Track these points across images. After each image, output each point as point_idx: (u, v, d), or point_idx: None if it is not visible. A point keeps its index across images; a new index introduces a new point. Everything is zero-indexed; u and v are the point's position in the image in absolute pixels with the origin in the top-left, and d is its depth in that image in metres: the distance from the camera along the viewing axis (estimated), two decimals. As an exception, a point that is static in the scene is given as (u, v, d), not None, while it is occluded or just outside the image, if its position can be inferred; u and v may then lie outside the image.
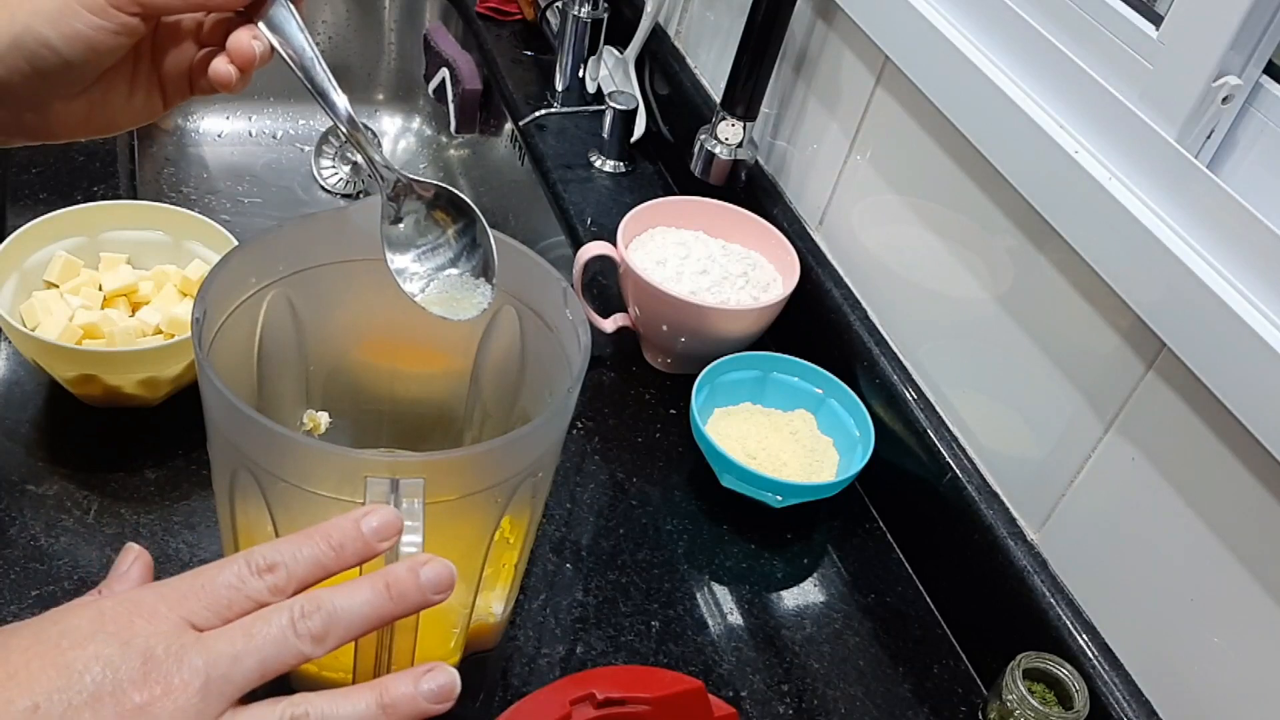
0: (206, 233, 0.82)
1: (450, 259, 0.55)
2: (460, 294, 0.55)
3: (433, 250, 0.55)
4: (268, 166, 1.29)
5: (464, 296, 0.55)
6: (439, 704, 0.40)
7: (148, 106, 0.54)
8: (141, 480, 0.74)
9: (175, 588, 0.39)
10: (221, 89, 0.52)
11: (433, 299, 0.55)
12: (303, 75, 0.51)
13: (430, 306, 0.54)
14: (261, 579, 0.39)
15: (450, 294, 0.55)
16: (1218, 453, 0.61)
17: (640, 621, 0.74)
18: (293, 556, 0.40)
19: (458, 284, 0.55)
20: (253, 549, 0.40)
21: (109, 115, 0.53)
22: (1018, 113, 0.70)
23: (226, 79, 0.51)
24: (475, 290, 0.55)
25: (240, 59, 0.51)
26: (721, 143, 0.99)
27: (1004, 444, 0.78)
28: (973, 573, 0.77)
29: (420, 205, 0.55)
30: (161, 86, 0.54)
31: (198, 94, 0.55)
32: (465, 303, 0.55)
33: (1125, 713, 0.66)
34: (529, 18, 1.37)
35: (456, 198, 0.54)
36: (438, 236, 0.55)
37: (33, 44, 0.48)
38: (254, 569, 0.40)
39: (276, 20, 0.51)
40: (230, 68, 0.51)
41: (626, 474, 0.84)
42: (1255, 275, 0.58)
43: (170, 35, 0.53)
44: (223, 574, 0.40)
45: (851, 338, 0.89)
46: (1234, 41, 0.61)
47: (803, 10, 0.95)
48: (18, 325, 0.72)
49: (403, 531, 0.42)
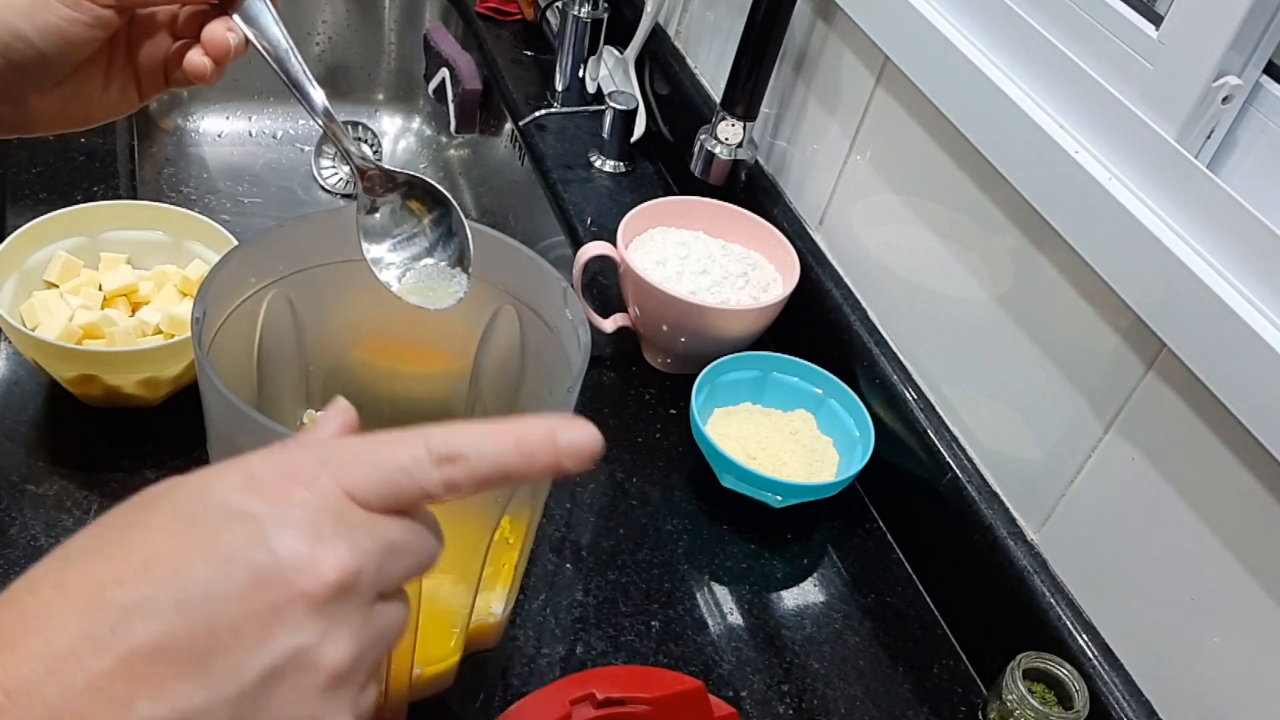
0: (206, 233, 0.82)
1: (426, 248, 0.55)
2: (437, 283, 0.55)
3: (408, 240, 0.55)
4: (268, 166, 1.29)
5: (440, 286, 0.55)
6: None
7: (124, 99, 0.54)
8: (141, 480, 0.74)
9: (339, 455, 0.35)
10: (196, 81, 0.52)
11: (409, 288, 0.55)
12: (278, 68, 0.51)
13: (407, 296, 0.55)
14: (440, 470, 0.35)
15: (427, 283, 0.55)
16: (1218, 453, 0.61)
17: (640, 621, 0.74)
18: (478, 450, 0.35)
19: (434, 273, 0.55)
20: (431, 430, 0.35)
21: (85, 108, 0.53)
22: (1018, 113, 0.70)
23: (201, 71, 0.51)
24: (451, 280, 0.55)
25: (215, 51, 0.51)
26: (721, 143, 0.99)
27: (1004, 444, 0.78)
28: (973, 573, 0.77)
29: (395, 196, 0.55)
30: (137, 79, 0.54)
31: (173, 86, 0.55)
32: (441, 292, 0.55)
33: (1125, 713, 0.66)
34: (529, 18, 1.37)
35: (431, 187, 0.55)
36: (413, 226, 0.55)
37: (6, 37, 0.48)
38: (433, 457, 0.35)
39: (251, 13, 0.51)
40: (205, 60, 0.51)
41: (626, 474, 0.84)
42: (1255, 275, 0.58)
43: (145, 27, 0.53)
44: (398, 453, 0.35)
45: (851, 338, 0.89)
46: (1234, 41, 0.61)
47: (803, 10, 0.95)
48: (18, 325, 0.72)
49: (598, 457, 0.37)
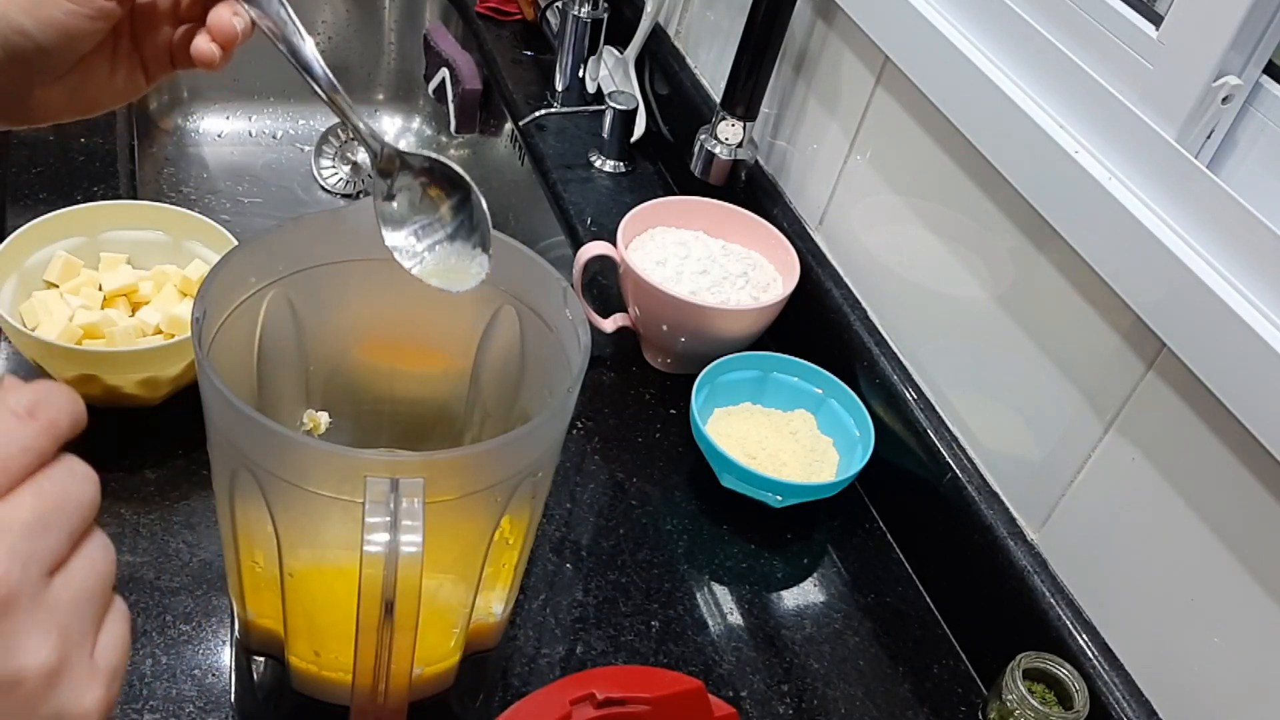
0: (206, 233, 0.82)
1: (447, 233, 0.55)
2: (458, 264, 0.54)
3: (428, 226, 0.55)
4: (268, 166, 1.29)
5: (462, 267, 0.54)
6: None
7: (130, 85, 0.54)
8: (141, 480, 0.74)
9: None
10: (204, 67, 0.51)
11: (430, 270, 0.54)
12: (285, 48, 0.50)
13: (428, 278, 0.54)
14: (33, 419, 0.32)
15: (447, 265, 0.54)
16: (1218, 453, 0.61)
17: (640, 621, 0.74)
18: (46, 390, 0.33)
19: (454, 253, 0.54)
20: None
21: (92, 95, 0.53)
22: (1018, 113, 0.70)
23: (209, 57, 0.50)
24: (472, 261, 0.54)
25: (222, 36, 0.50)
26: (721, 143, 0.99)
27: (1004, 444, 0.78)
28: (973, 573, 0.77)
29: (412, 179, 0.54)
30: (143, 64, 0.54)
31: (180, 69, 0.54)
32: (463, 273, 0.54)
33: (1125, 713, 0.66)
34: (529, 18, 1.37)
35: (450, 170, 0.54)
36: (431, 212, 0.54)
37: (8, 31, 0.47)
38: (18, 413, 0.32)
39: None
40: (213, 46, 0.50)
41: (626, 474, 0.84)
42: (1255, 275, 0.58)
43: (148, 15, 0.53)
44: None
45: (851, 338, 0.89)
46: (1234, 41, 0.61)
47: (803, 10, 0.95)
48: (18, 325, 0.72)
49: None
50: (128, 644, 0.34)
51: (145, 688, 0.64)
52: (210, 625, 0.68)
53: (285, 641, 0.58)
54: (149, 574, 0.69)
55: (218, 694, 0.64)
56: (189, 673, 0.65)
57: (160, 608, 0.68)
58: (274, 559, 0.54)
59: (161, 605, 0.68)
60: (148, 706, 0.63)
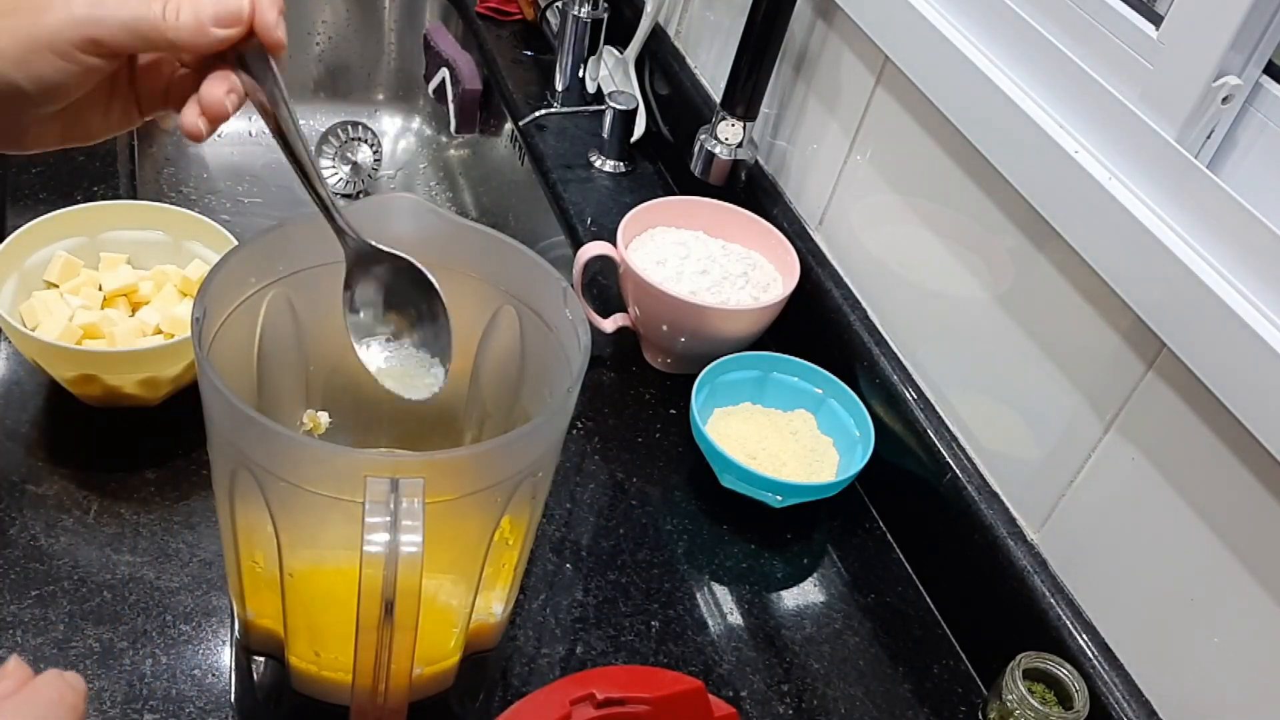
0: (206, 233, 0.82)
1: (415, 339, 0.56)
2: (414, 372, 0.56)
3: (395, 336, 0.56)
4: (268, 166, 1.29)
5: (417, 376, 0.56)
6: None
7: (124, 118, 0.53)
8: (141, 480, 0.74)
9: None
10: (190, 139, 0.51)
11: (389, 373, 0.55)
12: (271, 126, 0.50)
13: (384, 380, 0.55)
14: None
15: (404, 370, 0.56)
16: (1218, 453, 0.61)
17: (640, 621, 0.74)
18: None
19: (412, 361, 0.56)
20: None
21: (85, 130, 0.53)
22: (1018, 113, 0.70)
23: (196, 132, 0.49)
24: (428, 371, 0.55)
25: (211, 113, 0.49)
26: (721, 143, 0.99)
27: (1004, 444, 0.78)
28: (973, 573, 0.77)
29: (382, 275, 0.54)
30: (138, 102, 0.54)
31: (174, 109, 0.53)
32: (417, 383, 0.55)
33: (1125, 713, 0.66)
34: (529, 18, 1.37)
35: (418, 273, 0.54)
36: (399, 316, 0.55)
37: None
38: None
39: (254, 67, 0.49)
40: (201, 121, 0.49)
41: (626, 474, 0.84)
42: (1255, 275, 0.58)
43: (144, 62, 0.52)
44: None
45: (851, 338, 0.89)
46: (1234, 41, 0.61)
47: (803, 10, 0.95)
48: (18, 325, 0.72)
49: None
50: None
51: (145, 688, 0.64)
52: (210, 625, 0.68)
53: (285, 641, 0.58)
54: (149, 574, 0.69)
55: (218, 694, 0.64)
56: (189, 673, 0.65)
57: (160, 608, 0.68)
58: (274, 559, 0.54)
59: (161, 605, 0.68)
60: (148, 706, 0.63)
